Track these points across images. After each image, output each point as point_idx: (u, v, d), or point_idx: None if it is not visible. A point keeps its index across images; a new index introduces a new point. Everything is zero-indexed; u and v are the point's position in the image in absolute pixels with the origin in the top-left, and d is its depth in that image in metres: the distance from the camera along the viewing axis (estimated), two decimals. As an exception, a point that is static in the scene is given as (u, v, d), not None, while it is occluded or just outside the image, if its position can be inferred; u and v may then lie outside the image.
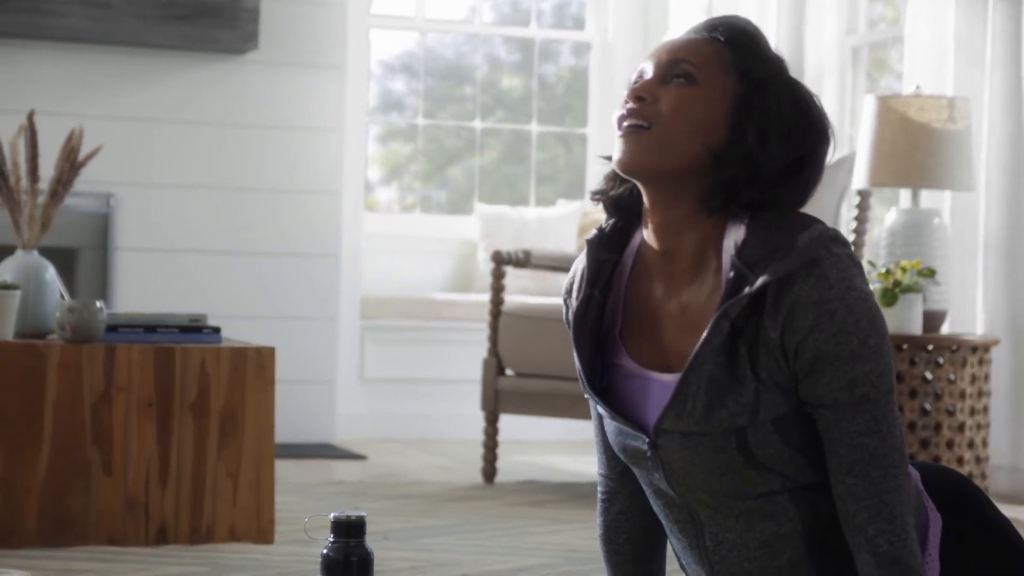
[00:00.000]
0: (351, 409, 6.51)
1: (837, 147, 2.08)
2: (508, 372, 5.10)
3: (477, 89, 7.26)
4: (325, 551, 2.17)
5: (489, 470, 5.09)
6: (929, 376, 4.60)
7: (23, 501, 3.60)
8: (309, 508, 4.29)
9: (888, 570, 1.96)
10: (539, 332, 4.96)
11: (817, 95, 2.07)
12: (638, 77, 2.06)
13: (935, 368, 4.60)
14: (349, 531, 2.17)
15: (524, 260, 5.11)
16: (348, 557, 2.16)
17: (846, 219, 5.49)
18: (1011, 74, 5.11)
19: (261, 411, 3.75)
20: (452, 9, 7.27)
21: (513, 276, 6.65)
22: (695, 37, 2.06)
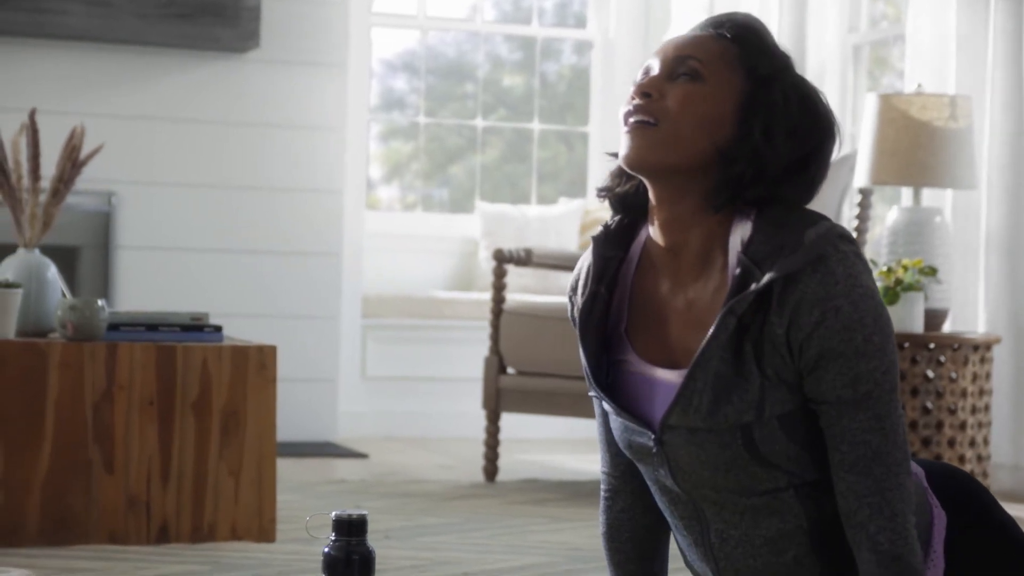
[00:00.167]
0: (353, 407, 6.51)
1: (840, 145, 2.08)
2: (509, 370, 5.10)
3: (479, 87, 7.26)
4: (327, 550, 2.17)
5: (490, 468, 5.09)
6: (931, 374, 4.60)
7: (24, 499, 3.60)
8: (310, 507, 4.29)
9: (889, 568, 1.96)
10: (541, 331, 4.96)
11: (823, 92, 2.07)
12: (645, 73, 2.05)
13: (936, 366, 4.60)
14: (350, 530, 2.17)
15: (526, 258, 5.11)
16: (350, 556, 2.16)
17: (848, 217, 5.49)
18: (1012, 72, 5.10)
19: (263, 410, 3.75)
20: (453, 7, 7.27)
21: (515, 274, 6.65)
22: (701, 34, 2.06)
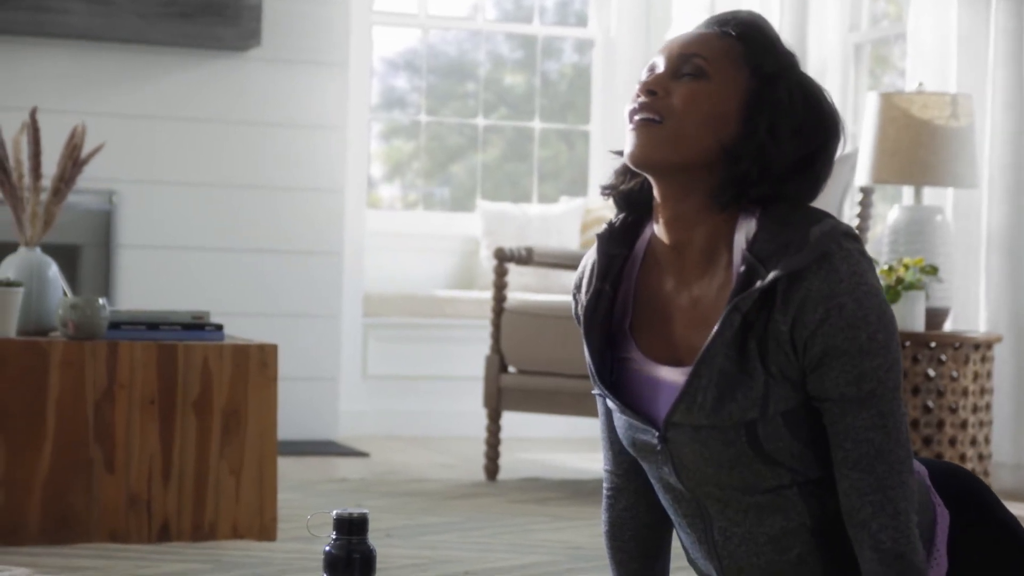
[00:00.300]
0: (354, 406, 6.51)
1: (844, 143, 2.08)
2: (511, 369, 5.10)
3: (480, 86, 7.26)
4: (328, 548, 2.17)
5: (491, 467, 5.09)
6: (932, 373, 4.59)
7: (26, 498, 3.60)
8: (311, 505, 4.29)
9: (891, 566, 1.96)
10: (542, 329, 4.96)
11: (827, 90, 2.07)
12: (650, 71, 2.06)
13: (938, 365, 4.60)
14: (351, 528, 2.17)
15: (527, 257, 5.11)
16: (351, 554, 2.16)
17: (849, 216, 5.49)
18: (1014, 71, 5.10)
19: (264, 408, 3.75)
20: (455, 6, 7.27)
21: (516, 273, 6.65)
22: (706, 32, 2.06)
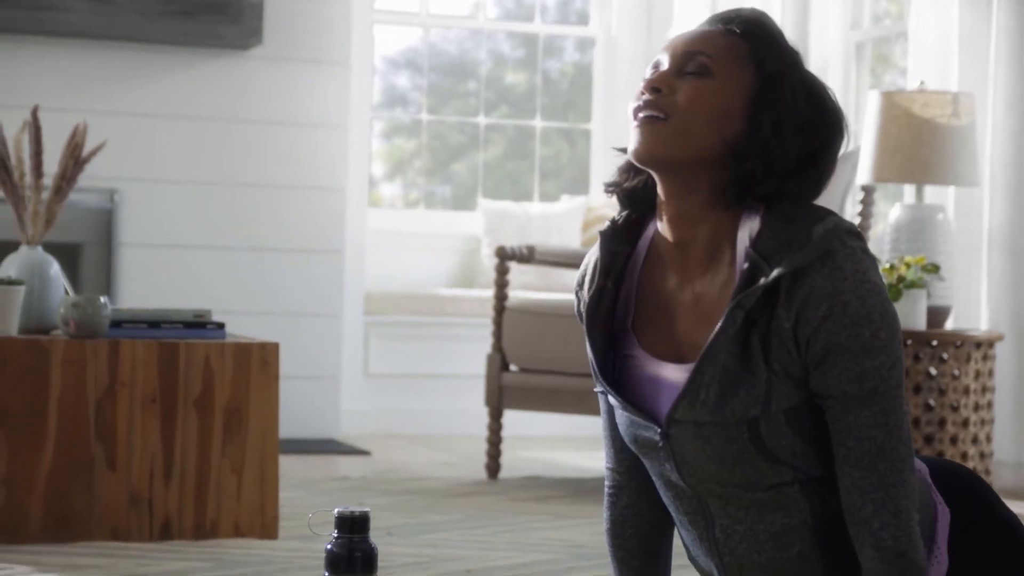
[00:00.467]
0: (355, 405, 6.51)
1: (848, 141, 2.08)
2: (512, 368, 5.10)
3: (481, 85, 7.26)
4: (329, 547, 2.17)
5: (493, 466, 5.09)
6: (933, 372, 4.59)
7: (27, 497, 3.60)
8: (313, 504, 4.29)
9: (892, 564, 1.96)
10: (543, 328, 4.96)
11: (831, 88, 2.07)
12: (654, 69, 2.05)
13: (939, 364, 4.60)
14: (353, 527, 2.17)
15: (528, 256, 5.11)
16: (352, 553, 2.16)
17: (850, 215, 5.48)
18: (1015, 70, 5.10)
19: (265, 407, 3.75)
20: (456, 5, 7.27)
21: (517, 272, 6.65)
22: (710, 29, 2.06)
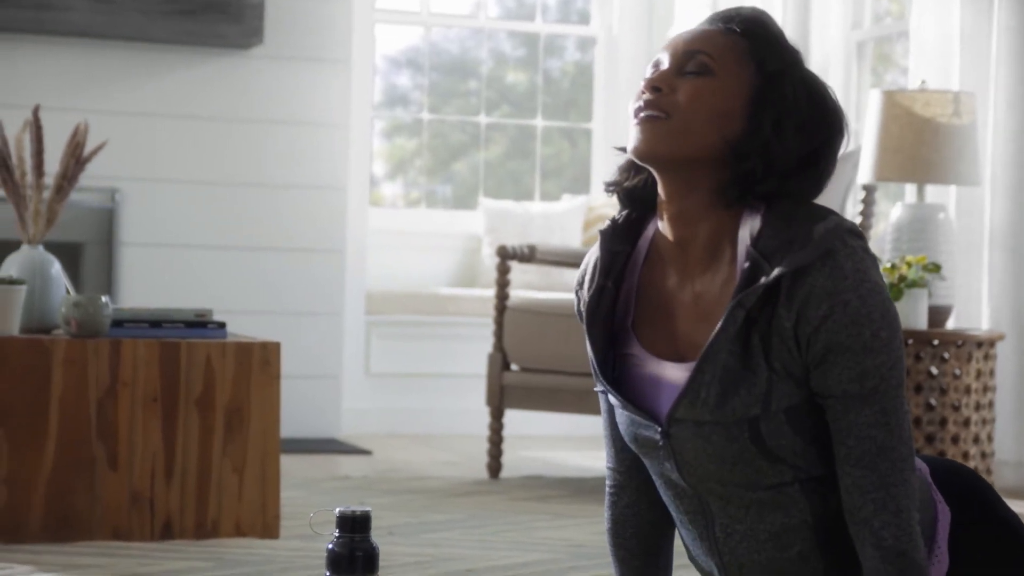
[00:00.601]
0: (356, 404, 6.51)
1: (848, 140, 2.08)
2: (513, 367, 5.10)
3: (482, 84, 7.26)
4: (330, 546, 2.17)
5: (494, 465, 5.09)
6: (934, 371, 4.59)
7: (28, 496, 3.60)
8: (314, 503, 4.29)
9: (893, 564, 1.96)
10: (544, 327, 4.96)
11: (831, 87, 2.07)
12: (654, 68, 2.05)
13: (940, 363, 4.60)
14: (354, 526, 2.17)
15: (529, 255, 5.11)
16: (353, 552, 2.16)
17: (851, 214, 5.48)
18: (1017, 69, 5.10)
19: (266, 406, 3.75)
20: (457, 4, 7.27)
21: (518, 271, 6.65)
22: (711, 28, 2.06)
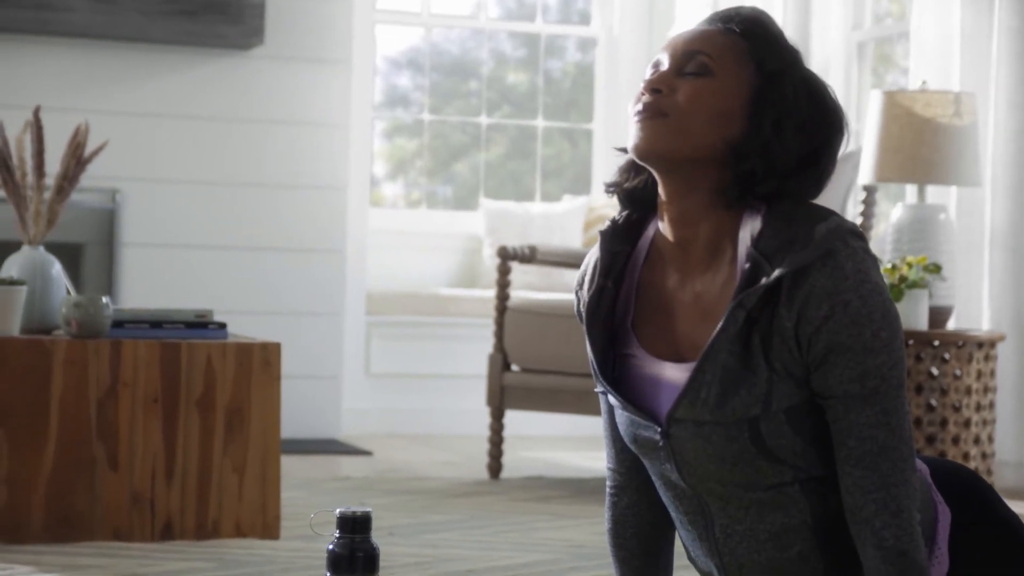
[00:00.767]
0: (357, 405, 6.51)
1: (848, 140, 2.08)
2: (513, 368, 5.10)
3: (483, 84, 7.26)
4: (331, 547, 2.17)
5: (494, 466, 5.09)
6: (935, 372, 4.59)
7: (29, 497, 3.60)
8: (315, 504, 4.29)
9: (894, 564, 1.96)
10: (544, 328, 4.96)
11: (831, 86, 2.07)
12: (654, 69, 2.05)
13: (941, 364, 4.60)
14: (355, 527, 2.17)
15: (530, 256, 5.11)
16: (354, 553, 2.16)
17: (852, 214, 5.48)
18: (1017, 69, 5.10)
19: (267, 407, 3.75)
20: (457, 4, 7.27)
21: (519, 272, 6.65)
22: (710, 28, 2.05)
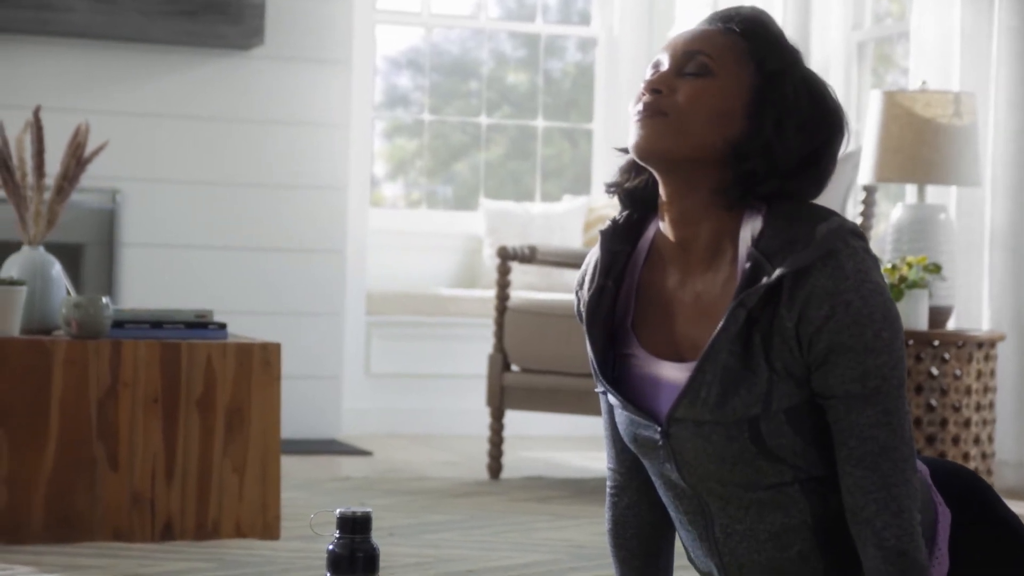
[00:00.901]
0: (357, 405, 6.51)
1: (848, 139, 2.08)
2: (513, 368, 5.10)
3: (483, 85, 7.26)
4: (331, 547, 2.17)
5: (494, 466, 5.09)
6: (935, 372, 4.59)
7: (29, 497, 3.60)
8: (315, 504, 4.29)
9: (895, 564, 1.96)
10: (544, 328, 4.96)
11: (831, 86, 2.07)
12: (654, 69, 2.05)
13: (941, 364, 4.60)
14: (355, 527, 2.17)
15: (530, 256, 5.11)
16: (354, 553, 2.16)
17: (852, 215, 5.48)
18: (1017, 69, 5.10)
19: (267, 407, 3.75)
20: (458, 5, 7.27)
21: (519, 272, 6.65)
22: (710, 28, 2.05)
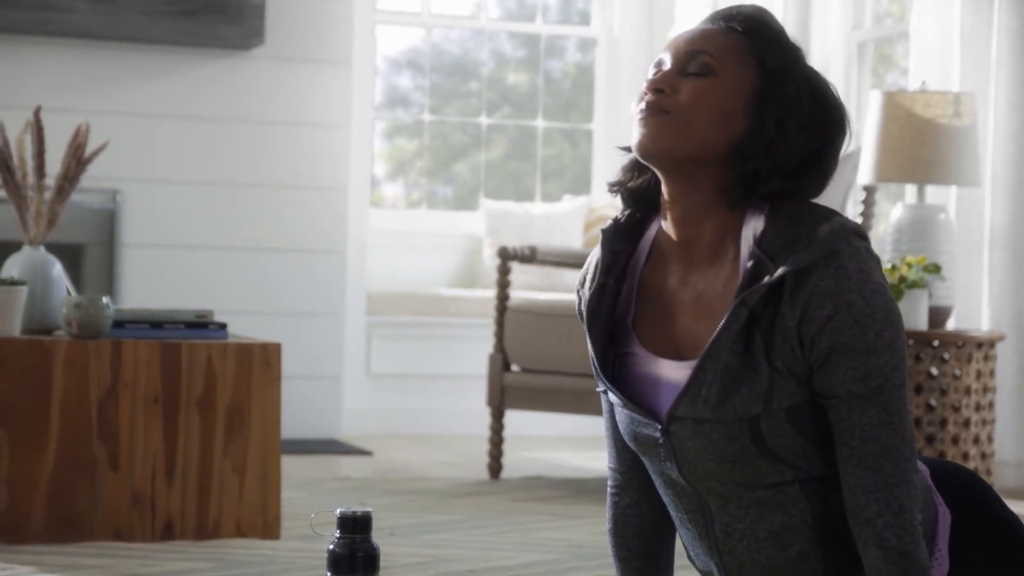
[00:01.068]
0: (357, 405, 6.52)
1: (850, 138, 2.08)
2: (514, 368, 5.10)
3: (483, 85, 7.26)
4: (331, 547, 2.17)
5: (495, 466, 5.09)
6: (935, 372, 4.60)
7: (30, 497, 3.60)
8: (315, 504, 4.29)
9: (896, 564, 1.96)
10: (545, 328, 4.96)
11: (833, 84, 2.07)
12: (656, 69, 2.05)
13: (941, 364, 4.60)
14: (355, 527, 2.17)
15: (530, 256, 5.11)
16: (354, 553, 2.16)
17: (852, 215, 5.49)
18: (1017, 70, 5.10)
19: (267, 407, 3.75)
20: (458, 5, 7.27)
21: (519, 272, 6.65)
22: (712, 27, 2.05)
